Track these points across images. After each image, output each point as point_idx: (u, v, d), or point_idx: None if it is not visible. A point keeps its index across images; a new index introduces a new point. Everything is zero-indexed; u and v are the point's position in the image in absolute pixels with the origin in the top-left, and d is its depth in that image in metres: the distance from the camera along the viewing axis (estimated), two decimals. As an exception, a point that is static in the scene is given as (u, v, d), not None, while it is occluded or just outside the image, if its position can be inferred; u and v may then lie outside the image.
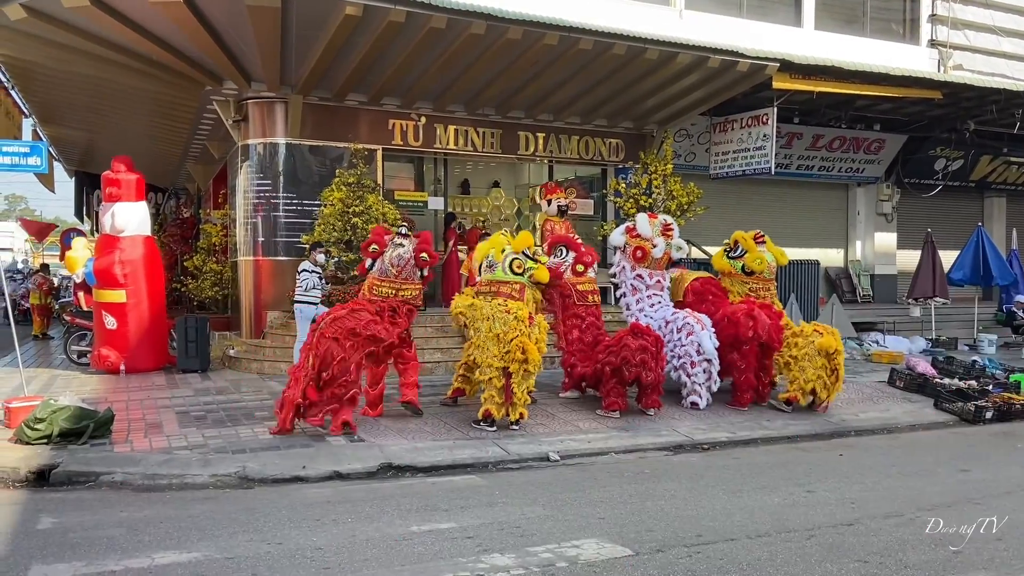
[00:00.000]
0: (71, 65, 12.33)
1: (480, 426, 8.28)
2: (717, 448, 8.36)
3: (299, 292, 10.95)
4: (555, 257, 9.84)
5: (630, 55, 12.19)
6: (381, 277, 8.60)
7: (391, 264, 8.57)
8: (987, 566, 4.96)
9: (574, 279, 9.70)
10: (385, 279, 8.58)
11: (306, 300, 10.86)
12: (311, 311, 10.90)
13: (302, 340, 11.08)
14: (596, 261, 9.96)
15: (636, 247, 10.33)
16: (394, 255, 8.58)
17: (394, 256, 8.58)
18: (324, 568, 4.80)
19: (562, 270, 9.70)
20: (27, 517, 5.77)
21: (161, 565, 4.84)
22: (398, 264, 8.57)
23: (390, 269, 8.57)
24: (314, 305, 10.95)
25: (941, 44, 18.52)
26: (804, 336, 9.84)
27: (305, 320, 10.97)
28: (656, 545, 5.24)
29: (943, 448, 8.70)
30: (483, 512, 5.99)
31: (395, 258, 8.57)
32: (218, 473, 6.74)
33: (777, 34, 15.70)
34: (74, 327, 13.15)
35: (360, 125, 13.23)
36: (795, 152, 17.66)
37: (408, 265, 8.60)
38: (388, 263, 8.58)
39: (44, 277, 19.39)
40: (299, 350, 11.06)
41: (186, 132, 15.96)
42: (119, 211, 11.93)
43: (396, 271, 8.56)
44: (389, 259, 8.58)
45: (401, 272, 8.57)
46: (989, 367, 12.40)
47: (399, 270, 8.57)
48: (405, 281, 8.61)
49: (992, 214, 21.78)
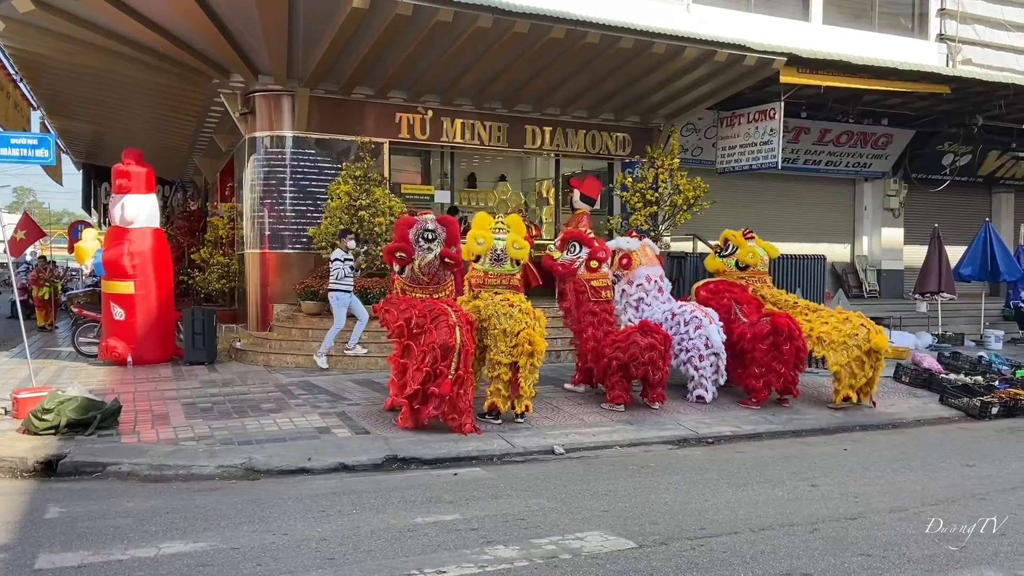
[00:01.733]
0: (79, 58, 12.38)
1: (486, 419, 8.30)
2: (722, 442, 8.36)
3: (333, 281, 11.09)
4: (568, 253, 9.64)
5: (637, 49, 12.16)
6: (412, 283, 8.43)
7: (422, 272, 8.40)
8: (991, 561, 4.96)
9: (588, 275, 9.53)
10: (418, 285, 8.42)
11: (341, 288, 11.05)
12: (347, 299, 11.04)
13: (339, 327, 11.25)
14: (610, 256, 9.89)
15: (620, 256, 10.34)
16: (424, 264, 8.37)
17: (424, 265, 8.38)
18: (329, 559, 4.83)
19: (576, 266, 9.60)
20: (35, 506, 5.81)
21: (167, 555, 4.87)
22: (429, 272, 8.41)
23: (421, 277, 8.40)
24: (348, 293, 11.06)
25: (950, 39, 18.44)
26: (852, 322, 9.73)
27: (341, 307, 11.12)
28: (660, 538, 5.26)
29: (948, 443, 8.68)
30: (488, 504, 6.01)
31: (425, 267, 8.38)
32: (224, 464, 6.77)
33: (785, 28, 15.67)
34: (82, 318, 13.21)
35: (367, 118, 13.25)
36: (802, 147, 17.61)
37: (439, 270, 8.47)
38: (419, 270, 8.39)
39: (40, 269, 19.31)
40: (332, 336, 11.24)
41: (193, 125, 16.01)
42: (129, 203, 11.97)
43: (427, 279, 8.42)
44: (419, 267, 8.38)
45: (433, 278, 8.44)
46: (995, 363, 12.35)
47: (430, 277, 8.43)
48: (438, 286, 8.48)
49: (1000, 210, 21.69)
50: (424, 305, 8.02)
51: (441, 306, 7.95)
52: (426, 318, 7.77)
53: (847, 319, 9.86)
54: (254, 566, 4.70)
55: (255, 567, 4.69)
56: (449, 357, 7.54)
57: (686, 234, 15.85)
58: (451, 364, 7.55)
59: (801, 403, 9.90)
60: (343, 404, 9.06)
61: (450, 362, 7.54)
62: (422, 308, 7.95)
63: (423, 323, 7.77)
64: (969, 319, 17.86)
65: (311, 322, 12.20)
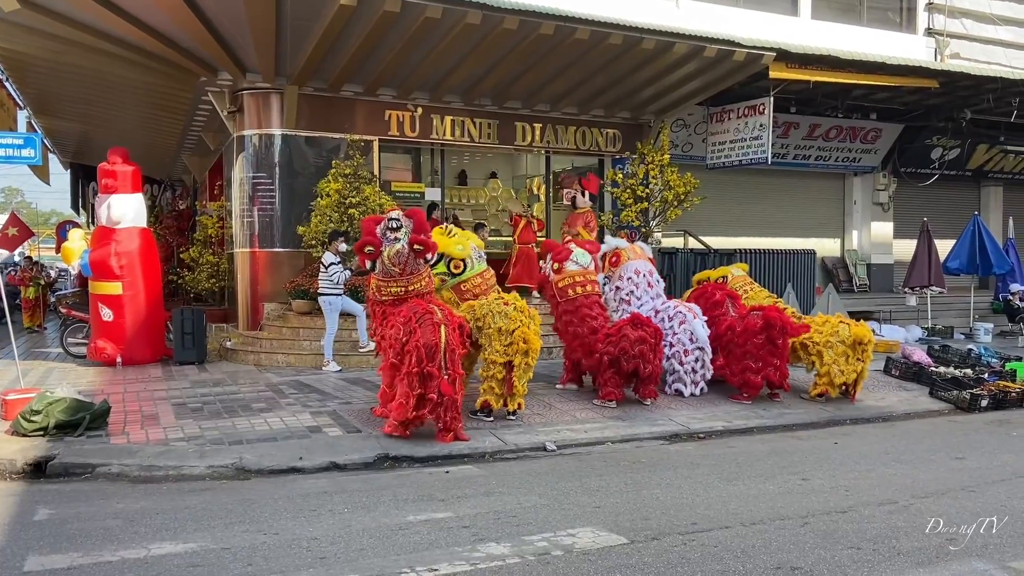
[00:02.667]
0: (65, 56, 12.30)
1: (478, 416, 8.28)
2: (713, 437, 8.38)
3: (328, 285, 10.89)
4: (544, 269, 9.97)
5: (626, 45, 12.16)
6: (385, 277, 8.11)
7: (392, 263, 8.05)
8: (981, 553, 4.98)
9: (555, 278, 9.66)
10: (390, 279, 8.09)
11: (332, 292, 10.92)
12: (338, 302, 10.93)
13: (332, 332, 11.04)
14: (570, 255, 9.67)
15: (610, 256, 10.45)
16: (392, 253, 8.03)
17: (392, 255, 8.03)
18: (320, 558, 4.82)
19: (549, 277, 9.76)
20: (24, 508, 5.78)
21: (157, 556, 4.85)
22: (399, 262, 8.05)
23: (392, 268, 8.06)
24: (339, 296, 10.97)
25: (938, 33, 18.50)
26: (830, 326, 9.89)
27: (334, 311, 10.97)
28: (651, 533, 5.26)
29: (938, 436, 8.72)
30: (480, 502, 6.01)
31: (394, 256, 8.03)
32: (215, 464, 6.74)
33: (774, 24, 15.67)
34: (70, 319, 13.14)
35: (356, 116, 13.21)
36: (792, 142, 17.65)
37: (409, 259, 8.09)
38: (388, 263, 8.06)
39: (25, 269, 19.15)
40: (330, 343, 11.06)
41: (181, 123, 15.92)
42: (115, 203, 11.90)
43: (399, 269, 8.07)
44: (388, 258, 8.05)
45: (405, 268, 8.08)
46: (985, 355, 12.42)
47: (402, 267, 8.07)
48: (412, 276, 8.12)
49: (989, 203, 21.79)
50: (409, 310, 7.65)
51: (427, 306, 7.67)
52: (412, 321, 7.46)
53: (826, 321, 10.07)
54: (245, 566, 4.69)
55: (246, 567, 4.67)
56: (436, 357, 7.24)
57: (677, 230, 15.87)
58: (439, 363, 7.24)
59: (791, 398, 9.94)
60: (334, 403, 9.04)
61: (438, 362, 7.25)
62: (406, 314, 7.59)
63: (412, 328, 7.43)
64: (958, 312, 17.94)
65: (302, 321, 12.16)
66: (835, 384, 9.74)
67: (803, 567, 4.70)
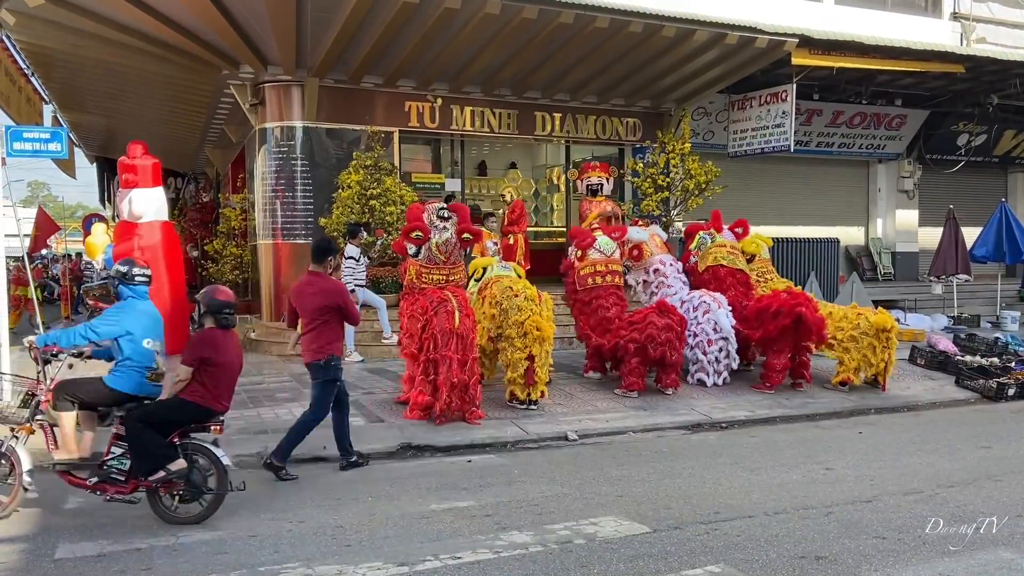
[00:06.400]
0: (89, 51, 12.41)
1: (511, 404, 8.41)
2: (735, 427, 8.36)
3: (350, 279, 10.84)
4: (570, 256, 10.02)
5: (647, 33, 12.07)
6: (430, 264, 8.24)
7: (439, 251, 8.21)
8: (1008, 542, 4.94)
9: (579, 265, 9.73)
10: (434, 266, 8.23)
11: (357, 284, 10.93)
12: (359, 295, 10.95)
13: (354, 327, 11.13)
14: (594, 242, 9.74)
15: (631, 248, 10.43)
16: (441, 242, 8.20)
17: (441, 243, 8.20)
18: (345, 546, 4.87)
19: (573, 264, 9.81)
20: (55, 497, 5.88)
21: (186, 543, 4.93)
22: (446, 251, 8.23)
23: (438, 256, 8.22)
24: (361, 288, 11.01)
25: (964, 17, 18.19)
26: (849, 319, 9.82)
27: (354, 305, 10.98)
28: (674, 522, 5.27)
29: (964, 425, 8.64)
30: (502, 490, 6.03)
31: (442, 244, 8.21)
32: (240, 454, 6.82)
33: (796, 9, 15.47)
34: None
35: (376, 107, 13.22)
36: (815, 129, 17.46)
37: (455, 249, 8.31)
38: (436, 250, 8.21)
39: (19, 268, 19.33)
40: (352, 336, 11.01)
41: (204, 116, 16.03)
42: (136, 198, 11.92)
43: (444, 257, 8.24)
44: (436, 246, 8.20)
45: (449, 257, 8.28)
46: (1012, 344, 12.26)
47: (447, 256, 8.26)
48: (454, 266, 8.33)
49: (1016, 189, 21.46)
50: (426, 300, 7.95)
51: (442, 295, 7.93)
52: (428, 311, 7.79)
53: (844, 315, 9.94)
54: (271, 553, 4.75)
55: (272, 554, 4.74)
56: (450, 342, 7.52)
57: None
58: (453, 348, 7.53)
59: (814, 387, 9.87)
60: (357, 393, 9.08)
61: (452, 347, 7.52)
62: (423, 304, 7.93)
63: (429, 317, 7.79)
64: (985, 300, 17.70)
65: (324, 312, 12.21)
66: (856, 372, 9.65)
67: (827, 556, 4.68)
